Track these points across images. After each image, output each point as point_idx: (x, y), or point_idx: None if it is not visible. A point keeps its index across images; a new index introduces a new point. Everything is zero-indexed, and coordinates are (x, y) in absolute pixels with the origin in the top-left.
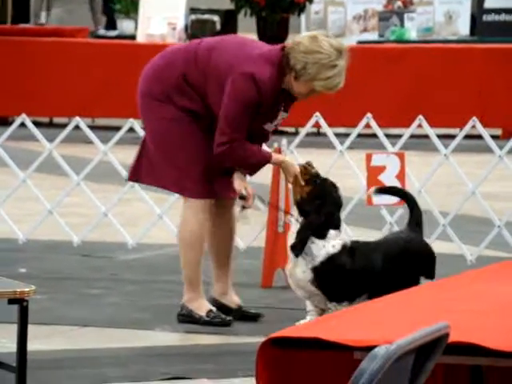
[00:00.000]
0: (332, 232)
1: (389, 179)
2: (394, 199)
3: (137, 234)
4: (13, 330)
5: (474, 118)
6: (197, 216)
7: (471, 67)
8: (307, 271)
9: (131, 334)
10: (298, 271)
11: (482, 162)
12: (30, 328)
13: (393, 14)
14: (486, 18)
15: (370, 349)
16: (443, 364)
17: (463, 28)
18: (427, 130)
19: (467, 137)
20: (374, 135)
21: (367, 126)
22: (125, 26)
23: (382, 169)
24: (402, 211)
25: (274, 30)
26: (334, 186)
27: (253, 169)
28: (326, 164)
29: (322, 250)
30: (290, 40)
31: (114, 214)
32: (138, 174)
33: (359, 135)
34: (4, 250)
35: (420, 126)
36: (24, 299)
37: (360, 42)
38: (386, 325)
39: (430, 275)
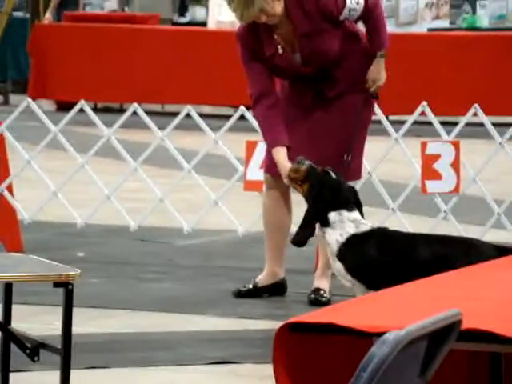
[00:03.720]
0: (332, 214)
1: (444, 167)
2: (450, 186)
3: (193, 219)
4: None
5: None
6: (265, 190)
7: None
8: (338, 261)
9: (182, 318)
10: (333, 262)
11: None
12: (84, 311)
13: (464, 1)
14: None
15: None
16: (465, 351)
17: None
18: (482, 118)
19: None
20: (429, 123)
21: (423, 113)
22: (197, 12)
23: (437, 157)
24: (457, 200)
25: None
26: (325, 172)
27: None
28: (380, 151)
29: (332, 238)
30: None
31: (172, 199)
32: None
33: (414, 122)
34: (63, 234)
35: (476, 114)
36: (69, 282)
37: (431, 30)
38: (403, 311)
39: None
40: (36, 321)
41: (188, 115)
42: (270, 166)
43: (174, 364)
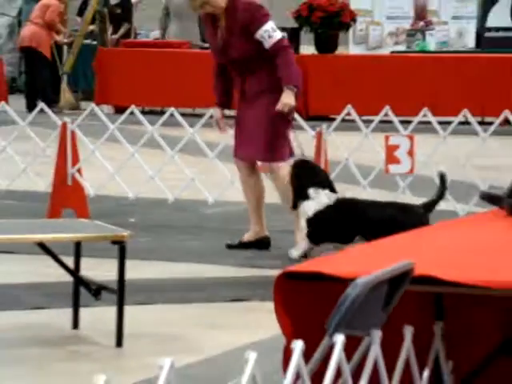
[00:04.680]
0: (311, 190)
1: (402, 154)
2: (406, 169)
3: (216, 193)
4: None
5: (466, 109)
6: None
7: (475, 71)
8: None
9: (209, 267)
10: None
11: (462, 143)
12: (134, 262)
13: (417, 31)
14: (488, 34)
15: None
16: (415, 291)
17: (471, 42)
18: (430, 117)
19: (464, 123)
20: (391, 121)
21: (386, 114)
22: None
23: (396, 147)
24: (412, 179)
25: (327, 43)
26: (303, 161)
27: None
28: (355, 142)
29: (310, 206)
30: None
31: (200, 179)
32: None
33: (380, 121)
34: (119, 205)
35: (425, 115)
36: (123, 241)
37: (393, 52)
38: (371, 261)
39: None
40: (99, 269)
41: (212, 116)
42: (234, 150)
43: (204, 301)
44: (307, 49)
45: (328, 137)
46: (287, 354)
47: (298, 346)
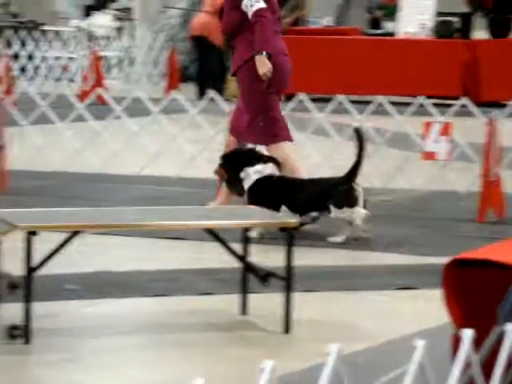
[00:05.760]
0: (242, 174)
1: None
2: None
3: (382, 182)
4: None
5: None
6: None
7: None
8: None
9: (373, 254)
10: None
11: None
12: (301, 248)
13: None
14: None
15: None
16: None
17: None
18: None
19: None
20: None
21: None
22: (389, 26)
23: None
24: None
25: (500, 28)
26: (228, 154)
27: None
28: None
29: (246, 185)
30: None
31: (366, 166)
32: None
33: None
34: None
35: None
36: (290, 228)
37: None
38: None
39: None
40: (266, 256)
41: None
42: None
43: (371, 289)
44: (480, 34)
45: (500, 123)
46: (456, 341)
47: (468, 334)
